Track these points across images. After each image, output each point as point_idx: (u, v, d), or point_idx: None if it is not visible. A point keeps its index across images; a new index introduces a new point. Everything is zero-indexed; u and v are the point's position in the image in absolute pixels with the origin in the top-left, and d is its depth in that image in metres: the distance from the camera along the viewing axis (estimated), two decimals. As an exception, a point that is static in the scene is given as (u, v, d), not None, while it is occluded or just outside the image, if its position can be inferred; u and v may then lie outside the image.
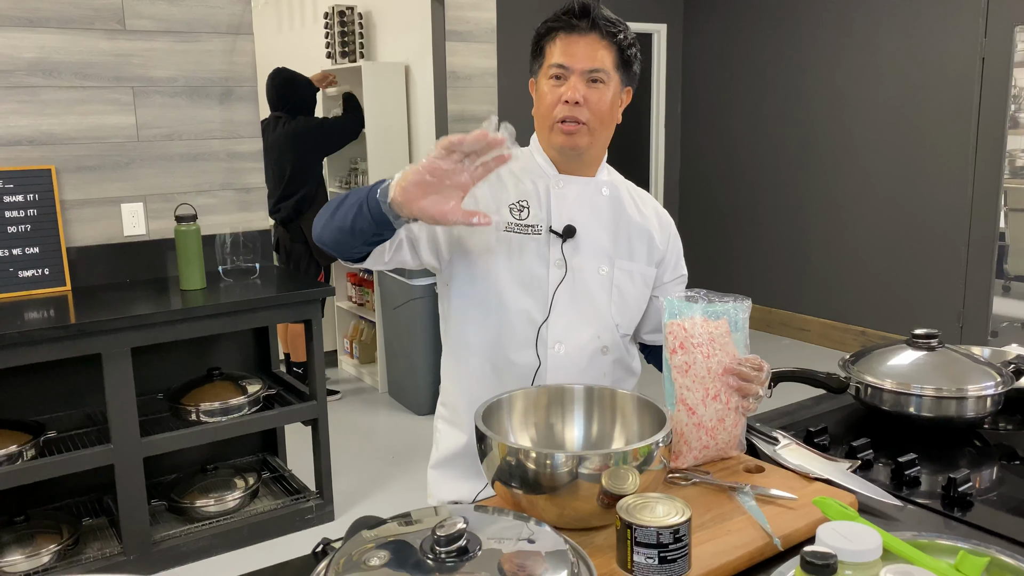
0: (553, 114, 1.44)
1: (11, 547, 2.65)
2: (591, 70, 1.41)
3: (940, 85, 4.65)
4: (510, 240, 1.47)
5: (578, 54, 1.41)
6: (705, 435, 1.29)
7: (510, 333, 1.48)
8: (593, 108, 1.43)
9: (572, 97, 1.41)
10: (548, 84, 1.44)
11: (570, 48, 1.41)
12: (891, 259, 5.01)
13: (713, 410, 1.29)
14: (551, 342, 1.47)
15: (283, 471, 3.35)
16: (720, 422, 1.30)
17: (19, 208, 2.84)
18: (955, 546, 0.98)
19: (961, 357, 1.55)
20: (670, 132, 6.19)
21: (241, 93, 3.25)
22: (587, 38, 1.42)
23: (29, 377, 2.85)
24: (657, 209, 1.63)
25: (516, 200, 1.49)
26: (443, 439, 1.62)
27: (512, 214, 1.48)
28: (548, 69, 1.43)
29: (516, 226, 1.47)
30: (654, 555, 0.96)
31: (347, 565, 0.87)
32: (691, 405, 1.29)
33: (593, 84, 1.42)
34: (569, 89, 1.41)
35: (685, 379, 1.29)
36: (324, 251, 4.81)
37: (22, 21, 2.82)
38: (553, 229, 1.48)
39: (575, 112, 1.42)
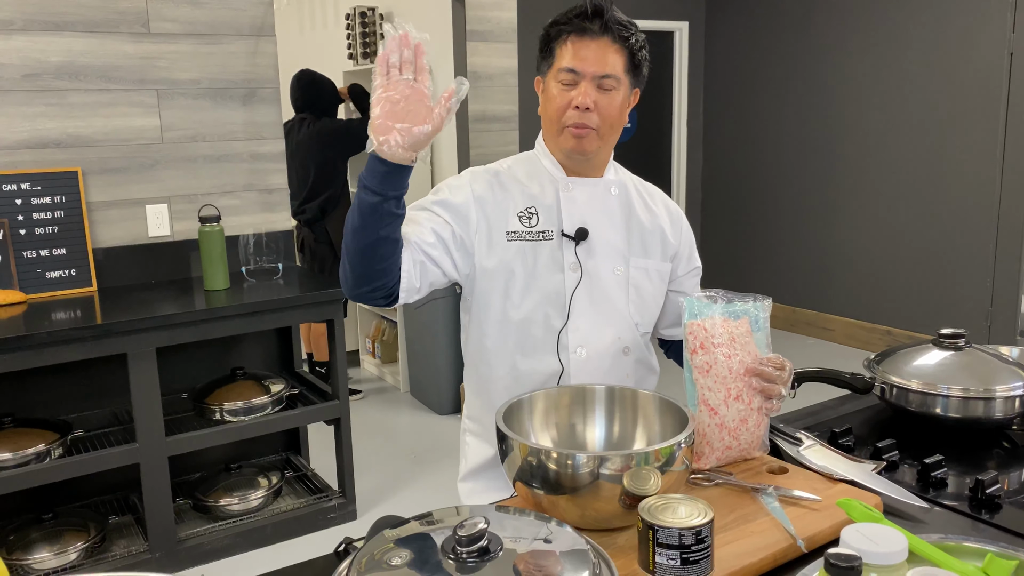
0: (563, 119, 1.42)
1: (39, 544, 2.68)
2: (602, 76, 1.40)
3: (967, 80, 4.59)
4: (523, 249, 1.46)
5: (589, 58, 1.39)
6: (728, 436, 1.28)
7: (531, 342, 1.48)
8: (603, 113, 1.41)
9: (583, 103, 1.39)
10: (558, 87, 1.42)
11: (581, 52, 1.39)
12: (917, 257, 4.95)
13: (735, 410, 1.28)
14: (572, 347, 1.46)
15: (306, 470, 3.37)
16: (743, 422, 1.29)
17: (47, 210, 2.88)
18: (983, 549, 0.97)
19: (989, 357, 1.53)
20: (692, 130, 6.16)
21: (264, 94, 3.28)
22: (599, 42, 1.39)
23: (56, 377, 2.89)
24: (667, 203, 1.62)
25: (524, 208, 1.48)
26: (471, 452, 1.62)
27: (521, 222, 1.47)
28: (558, 73, 1.42)
29: (527, 234, 1.46)
30: (676, 556, 0.95)
31: (369, 564, 0.87)
32: (713, 406, 1.28)
33: (603, 89, 1.41)
34: (580, 94, 1.39)
35: (706, 379, 1.28)
36: None
37: (49, 25, 2.86)
38: (565, 233, 1.47)
39: (585, 118, 1.40)
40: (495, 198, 1.47)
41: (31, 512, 2.81)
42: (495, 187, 1.48)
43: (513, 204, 1.48)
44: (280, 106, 3.34)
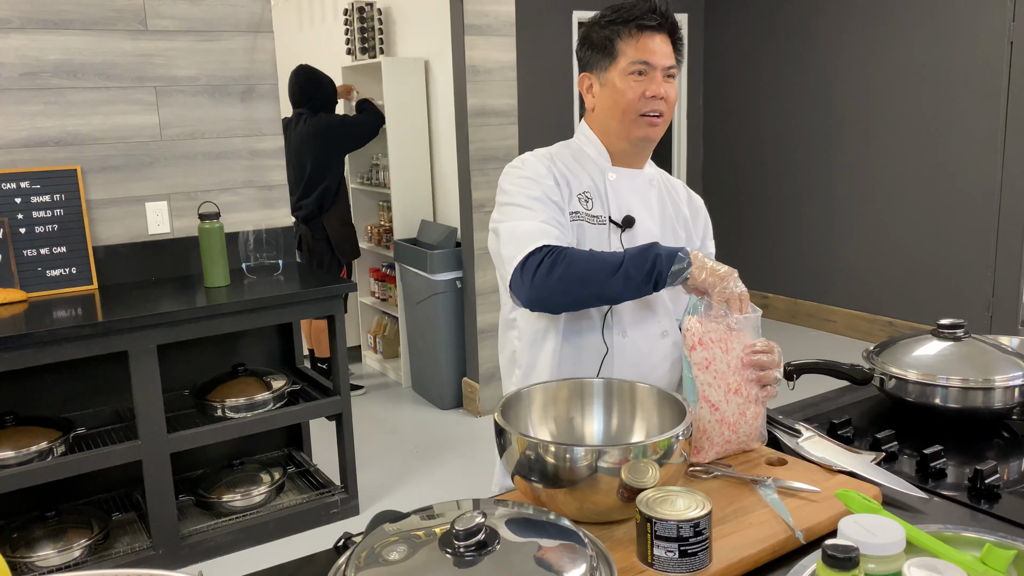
0: (638, 107, 1.49)
1: (43, 542, 2.69)
2: (669, 67, 1.50)
3: (968, 69, 4.57)
4: (581, 228, 1.52)
5: (658, 52, 1.49)
6: (727, 430, 1.29)
7: (578, 322, 1.53)
8: (670, 102, 1.52)
9: (659, 93, 1.49)
10: (629, 80, 1.49)
11: (650, 46, 1.49)
12: (918, 248, 4.95)
13: (735, 404, 1.28)
14: (616, 330, 1.52)
15: (308, 466, 3.38)
16: (742, 416, 1.29)
17: (46, 208, 2.88)
18: (981, 539, 0.97)
19: (988, 347, 1.53)
20: (692, 122, 6.15)
21: (262, 91, 3.27)
22: (661, 36, 1.50)
23: (58, 375, 2.89)
24: (689, 194, 1.71)
25: (582, 191, 1.54)
26: None
27: (581, 204, 1.53)
28: (630, 65, 1.49)
29: (586, 216, 1.53)
30: (674, 549, 0.95)
31: (367, 559, 0.87)
32: (713, 402, 1.28)
33: (669, 79, 1.51)
34: (656, 85, 1.49)
35: (706, 375, 1.28)
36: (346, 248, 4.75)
37: (47, 23, 2.86)
38: (613, 220, 1.53)
39: (659, 106, 1.50)
40: (562, 179, 1.54)
41: (34, 510, 2.82)
42: (557, 171, 1.54)
43: (574, 186, 1.54)
44: (279, 103, 3.34)
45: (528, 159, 1.56)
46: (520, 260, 1.41)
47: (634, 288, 1.37)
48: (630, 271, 1.36)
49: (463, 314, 4.22)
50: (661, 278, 1.36)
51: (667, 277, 1.35)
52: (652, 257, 1.36)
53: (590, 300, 1.42)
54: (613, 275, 1.36)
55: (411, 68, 4.46)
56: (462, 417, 4.22)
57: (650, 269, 1.35)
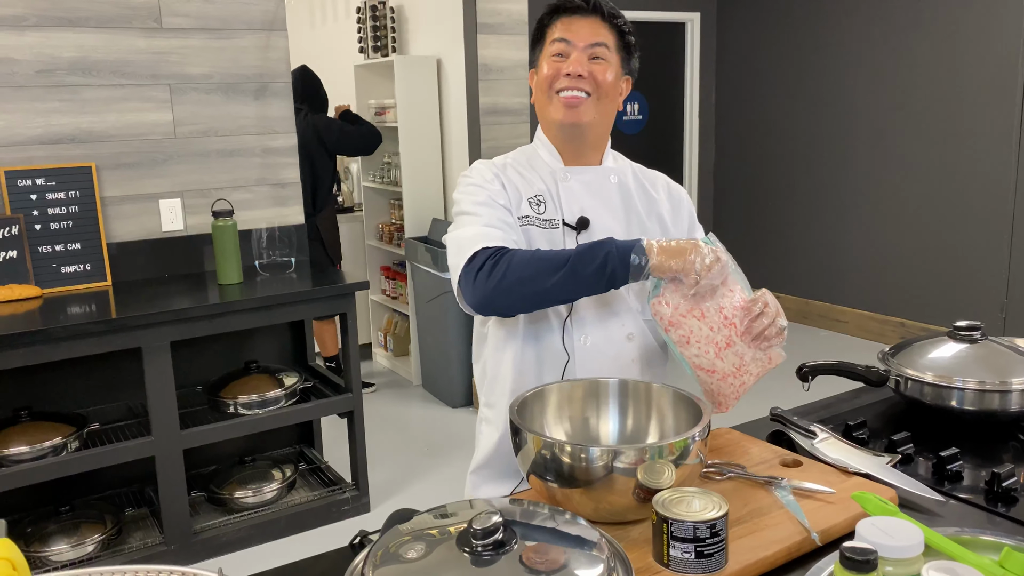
0: (555, 85, 1.43)
1: (56, 537, 2.71)
2: (593, 44, 1.43)
3: (982, 70, 4.54)
4: (530, 233, 1.46)
5: (581, 31, 1.43)
6: (735, 379, 1.29)
7: (543, 327, 1.47)
8: (597, 80, 1.43)
9: (574, 70, 1.41)
10: (549, 60, 1.45)
11: (572, 26, 1.43)
12: (931, 249, 4.92)
13: (732, 355, 1.28)
14: (577, 335, 1.46)
15: (319, 463, 3.39)
16: (741, 358, 1.28)
17: (61, 205, 2.90)
18: (999, 542, 0.96)
19: (1005, 349, 1.52)
20: (704, 121, 6.13)
21: (275, 89, 3.28)
22: (589, 19, 1.44)
23: (72, 370, 2.91)
24: (669, 186, 1.61)
25: (534, 195, 1.48)
26: (483, 439, 1.61)
27: (532, 207, 1.47)
28: (550, 46, 1.45)
29: (536, 220, 1.46)
30: (691, 550, 0.95)
31: (384, 557, 0.87)
32: (707, 368, 1.29)
33: (595, 58, 1.43)
34: (572, 63, 1.42)
35: (690, 349, 1.29)
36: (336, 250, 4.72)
37: (62, 21, 2.87)
38: (567, 222, 1.46)
39: (578, 84, 1.42)
40: (510, 184, 1.49)
41: (48, 505, 2.84)
42: (505, 177, 1.50)
43: (523, 191, 1.49)
44: (291, 101, 3.35)
45: (476, 166, 1.52)
46: (462, 266, 1.36)
47: (585, 286, 1.31)
48: (576, 268, 1.29)
49: (474, 312, 4.21)
50: (616, 275, 1.28)
51: (623, 273, 1.28)
52: (603, 254, 1.29)
53: (537, 300, 1.35)
54: (556, 273, 1.30)
55: (423, 66, 4.47)
56: (472, 415, 4.22)
57: (600, 265, 1.28)
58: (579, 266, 1.29)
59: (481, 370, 1.58)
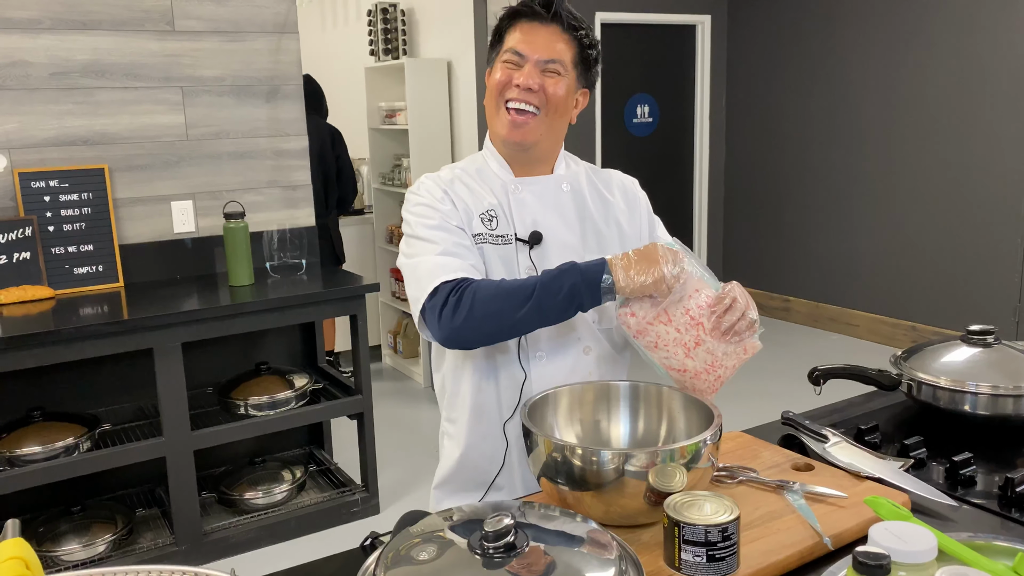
0: (504, 94, 1.38)
1: (68, 536, 2.72)
2: (548, 60, 1.37)
3: (993, 73, 4.52)
4: (484, 251, 1.40)
5: (537, 42, 1.37)
6: (708, 375, 1.29)
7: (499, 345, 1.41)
8: (548, 94, 1.37)
9: (524, 83, 1.35)
10: (502, 66, 1.39)
11: (529, 36, 1.37)
12: (944, 252, 4.89)
13: (702, 352, 1.28)
14: (532, 352, 1.41)
15: (329, 464, 3.40)
16: (713, 355, 1.28)
17: (74, 207, 2.91)
18: (1013, 548, 0.96)
19: (1018, 354, 1.51)
20: (715, 124, 6.12)
21: (287, 91, 3.29)
22: (548, 28, 1.38)
23: (84, 371, 2.93)
24: (623, 185, 1.54)
25: (485, 210, 1.42)
26: (444, 453, 1.60)
27: (484, 224, 1.42)
28: (503, 54, 1.39)
29: (488, 236, 1.41)
30: (702, 553, 0.95)
31: (395, 559, 0.87)
32: (678, 367, 1.29)
33: (548, 73, 1.37)
34: (523, 75, 1.36)
35: (659, 352, 1.30)
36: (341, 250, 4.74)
37: (76, 24, 2.89)
38: (519, 237, 1.41)
39: (527, 98, 1.36)
40: (459, 201, 1.43)
41: (60, 505, 2.85)
42: (454, 193, 1.44)
43: (474, 206, 1.43)
44: (303, 103, 3.36)
45: (424, 183, 1.45)
46: (423, 300, 1.32)
47: (554, 315, 1.28)
48: (542, 300, 1.26)
49: (484, 315, 4.22)
50: (583, 303, 1.27)
51: (591, 300, 1.26)
52: (568, 284, 1.25)
53: (505, 333, 1.31)
54: (523, 306, 1.26)
55: (434, 69, 4.47)
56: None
57: (567, 296, 1.25)
58: (544, 298, 1.26)
59: (440, 383, 1.54)
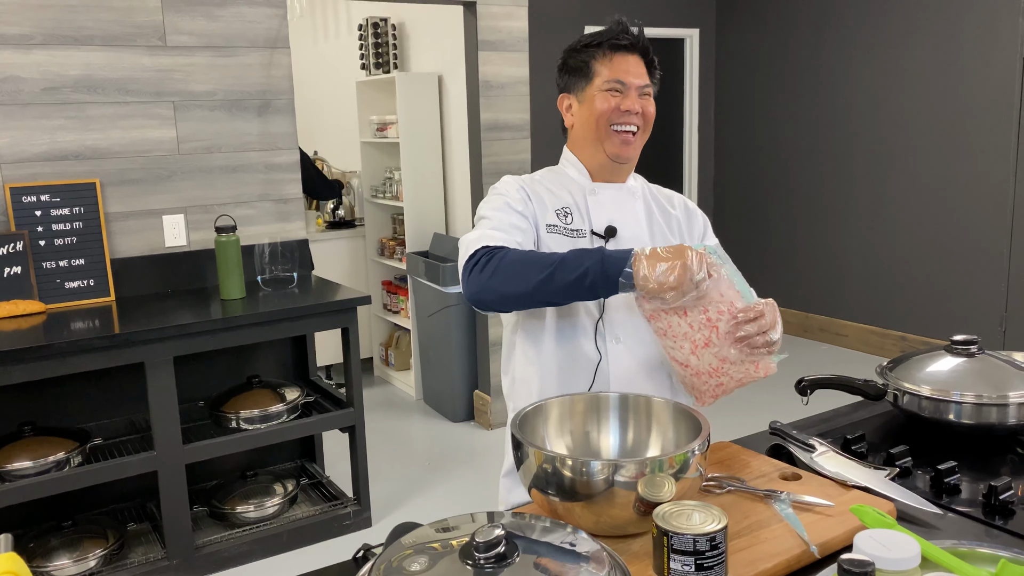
0: (610, 119, 1.54)
1: (59, 551, 2.71)
2: (643, 85, 1.56)
3: (980, 85, 4.58)
4: (559, 241, 1.55)
5: (632, 71, 1.55)
6: (710, 378, 1.33)
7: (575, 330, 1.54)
8: (647, 117, 1.57)
9: (633, 107, 1.54)
10: (603, 96, 1.55)
11: (624, 66, 1.55)
12: (931, 263, 4.94)
13: (709, 355, 1.31)
14: (609, 337, 1.53)
15: (321, 477, 3.39)
16: (723, 362, 1.30)
17: (66, 221, 2.92)
18: (996, 555, 0.97)
19: (1002, 363, 1.53)
20: (703, 137, 6.16)
21: (279, 105, 3.31)
22: (635, 57, 1.56)
23: (75, 386, 2.92)
24: (685, 202, 1.72)
25: (561, 207, 1.58)
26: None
27: (559, 218, 1.56)
28: (604, 84, 1.54)
29: (563, 228, 1.56)
30: (691, 563, 0.96)
31: (387, 571, 0.88)
32: (680, 360, 1.33)
33: (645, 96, 1.57)
34: (631, 101, 1.54)
35: (666, 340, 1.34)
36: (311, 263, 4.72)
37: (67, 39, 2.90)
38: (595, 231, 1.56)
39: (633, 120, 1.55)
40: (536, 196, 1.58)
41: (51, 519, 2.84)
42: (532, 189, 1.59)
43: (550, 203, 1.58)
44: (295, 117, 3.38)
45: (505, 178, 1.62)
46: (463, 265, 1.46)
47: (566, 292, 1.33)
48: (557, 274, 1.32)
49: (475, 327, 4.23)
50: (596, 287, 1.30)
51: (606, 285, 1.30)
52: (586, 265, 1.30)
53: (524, 298, 1.38)
54: (540, 275, 1.34)
55: (425, 83, 4.50)
56: (473, 430, 4.23)
57: (580, 276, 1.30)
58: (559, 273, 1.33)
59: (511, 380, 1.64)
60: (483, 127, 3.96)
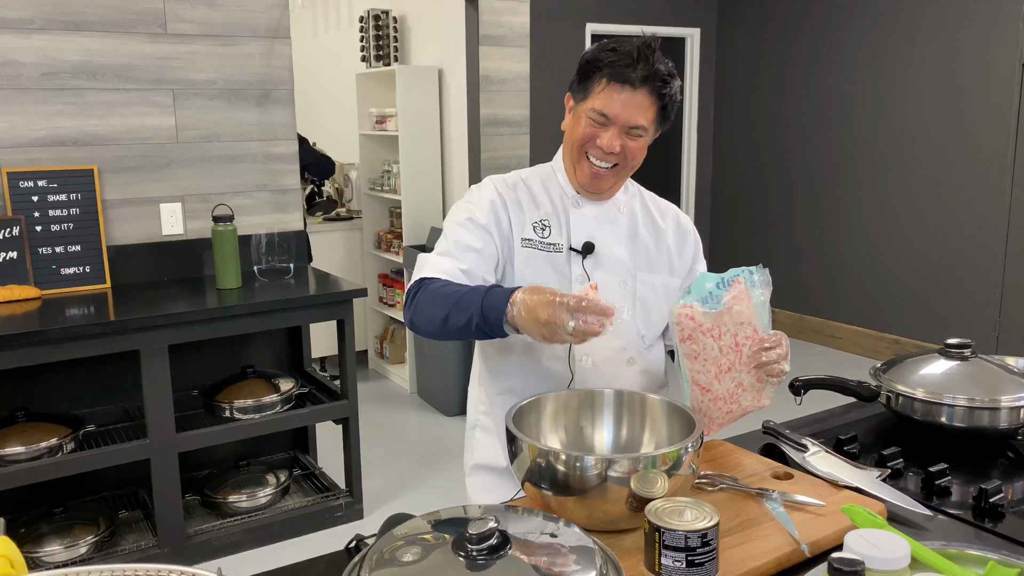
0: (584, 148, 1.47)
1: (49, 537, 2.71)
2: (633, 127, 1.43)
3: (978, 90, 4.59)
4: (533, 256, 1.51)
5: (624, 110, 1.41)
6: (725, 404, 1.34)
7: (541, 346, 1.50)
8: (627, 155, 1.46)
9: (608, 146, 1.43)
10: (586, 121, 1.45)
11: (617, 98, 1.41)
12: (926, 267, 4.95)
13: (729, 380, 1.33)
14: (579, 355, 1.50)
15: (314, 469, 3.40)
16: (738, 387, 1.33)
17: (62, 207, 2.91)
18: (985, 556, 0.98)
19: (995, 367, 1.54)
20: (702, 137, 6.17)
21: (278, 96, 3.30)
22: (636, 93, 1.41)
23: (69, 372, 2.92)
24: (678, 219, 1.64)
25: (539, 219, 1.53)
26: (479, 447, 1.64)
27: (535, 231, 1.52)
28: (591, 111, 1.44)
29: (539, 243, 1.52)
30: (682, 559, 0.97)
31: (380, 561, 0.89)
32: (704, 385, 1.33)
33: (633, 135, 1.45)
34: (608, 139, 1.43)
35: (695, 364, 1.33)
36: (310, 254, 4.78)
37: (67, 25, 2.89)
38: (573, 247, 1.52)
39: (607, 158, 1.45)
40: (515, 205, 1.53)
41: (42, 505, 2.84)
42: (512, 199, 1.54)
43: (528, 215, 1.53)
44: (294, 107, 3.37)
45: (485, 181, 1.56)
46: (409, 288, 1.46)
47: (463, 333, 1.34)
48: (451, 316, 1.33)
49: (470, 322, 4.23)
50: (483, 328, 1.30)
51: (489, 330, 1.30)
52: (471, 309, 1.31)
53: (438, 334, 1.40)
54: (442, 313, 1.35)
55: (425, 76, 4.49)
56: (467, 424, 4.23)
57: (468, 319, 1.31)
58: (453, 315, 1.34)
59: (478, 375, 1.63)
60: (482, 122, 3.96)
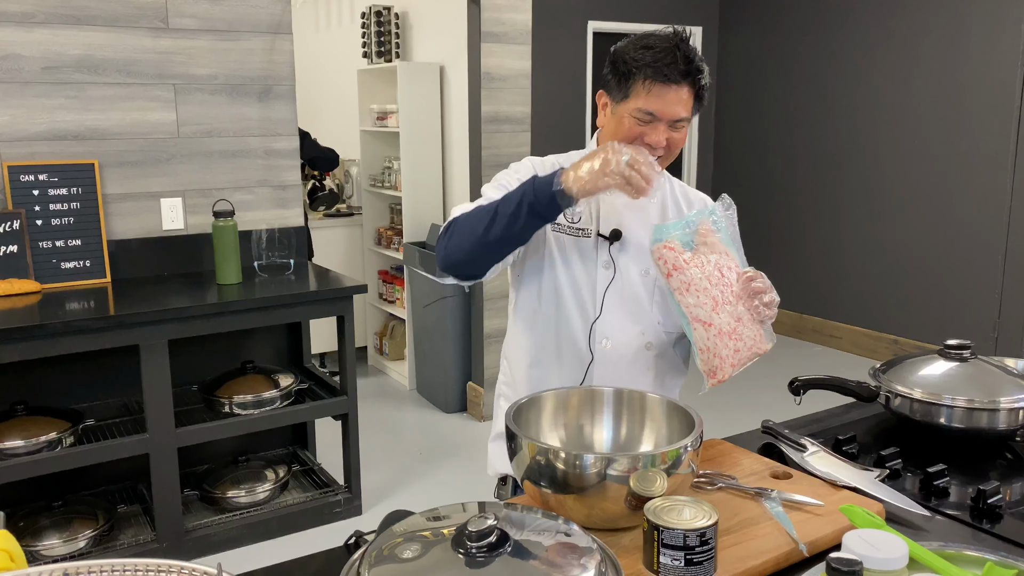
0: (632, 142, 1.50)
1: (48, 531, 2.71)
2: (677, 120, 1.49)
3: (980, 90, 4.58)
4: (562, 240, 1.56)
5: (669, 106, 1.47)
6: (730, 340, 1.35)
7: (567, 325, 1.57)
8: (672, 147, 1.52)
9: (658, 144, 1.48)
10: (632, 121, 1.49)
11: (661, 97, 1.46)
12: (926, 267, 4.95)
13: (726, 313, 1.35)
14: (599, 338, 1.55)
15: (313, 464, 3.40)
16: (739, 321, 1.35)
17: (63, 201, 2.91)
18: (982, 557, 0.98)
19: (994, 368, 1.54)
20: (703, 135, 6.17)
21: (280, 91, 3.30)
22: (678, 88, 1.47)
23: (69, 366, 2.92)
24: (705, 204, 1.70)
25: None
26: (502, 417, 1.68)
27: (565, 216, 1.56)
28: (635, 111, 1.48)
29: (568, 228, 1.57)
30: (680, 557, 0.97)
31: (379, 557, 0.89)
32: (704, 319, 1.35)
33: (675, 127, 1.50)
34: (656, 135, 1.48)
35: (688, 297, 1.35)
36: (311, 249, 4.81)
37: (69, 19, 2.89)
38: (600, 233, 1.57)
39: (654, 152, 1.49)
40: None
41: (41, 499, 2.84)
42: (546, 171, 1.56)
43: None
44: (295, 103, 3.37)
45: (524, 160, 1.63)
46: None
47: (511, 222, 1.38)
48: (500, 208, 1.39)
49: (470, 319, 4.24)
50: (534, 205, 1.36)
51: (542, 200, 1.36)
52: (523, 189, 1.38)
53: (482, 249, 1.43)
54: (487, 216, 1.40)
55: (426, 73, 4.49)
56: (466, 421, 4.24)
57: (520, 198, 1.37)
58: (503, 206, 1.39)
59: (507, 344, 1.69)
60: (484, 119, 3.95)
